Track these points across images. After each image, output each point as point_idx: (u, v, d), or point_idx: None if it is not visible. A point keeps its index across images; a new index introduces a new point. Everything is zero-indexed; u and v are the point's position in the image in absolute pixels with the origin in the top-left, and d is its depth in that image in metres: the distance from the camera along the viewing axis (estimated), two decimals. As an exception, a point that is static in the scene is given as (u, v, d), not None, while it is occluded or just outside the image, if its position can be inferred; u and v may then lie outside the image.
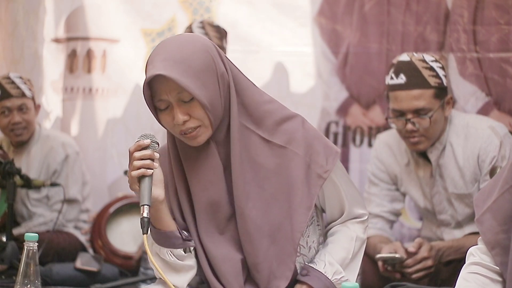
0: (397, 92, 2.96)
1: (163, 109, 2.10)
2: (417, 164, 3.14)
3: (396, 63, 3.02)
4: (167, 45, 2.10)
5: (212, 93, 2.08)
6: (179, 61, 2.04)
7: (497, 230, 2.02)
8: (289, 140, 2.17)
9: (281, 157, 2.17)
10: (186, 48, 2.07)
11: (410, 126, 2.96)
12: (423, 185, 3.15)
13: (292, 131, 2.17)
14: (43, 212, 3.95)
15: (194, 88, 2.04)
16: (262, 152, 2.17)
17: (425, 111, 2.94)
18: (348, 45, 4.11)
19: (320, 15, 4.18)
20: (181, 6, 4.50)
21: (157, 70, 2.03)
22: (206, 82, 2.07)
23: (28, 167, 3.93)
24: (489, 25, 3.70)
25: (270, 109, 2.18)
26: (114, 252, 4.09)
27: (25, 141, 3.95)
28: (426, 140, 3.00)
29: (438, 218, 3.15)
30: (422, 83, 2.93)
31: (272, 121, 2.17)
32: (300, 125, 2.19)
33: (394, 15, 4.00)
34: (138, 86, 4.56)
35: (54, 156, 3.96)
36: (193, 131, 2.09)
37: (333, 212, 2.28)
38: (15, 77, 3.89)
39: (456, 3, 3.84)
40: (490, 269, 2.05)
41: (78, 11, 4.64)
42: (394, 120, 3.01)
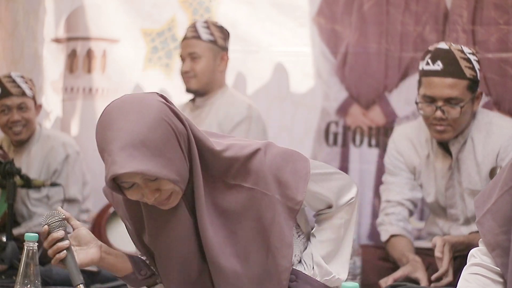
0: (432, 78, 2.95)
1: (128, 187, 1.98)
2: (437, 156, 3.14)
3: (434, 50, 3.00)
4: (118, 123, 1.93)
5: (178, 163, 1.97)
6: (138, 145, 1.91)
7: (497, 231, 2.02)
8: (256, 180, 2.07)
9: (251, 199, 2.07)
10: (140, 125, 1.92)
11: (440, 114, 2.96)
12: (439, 177, 3.14)
13: (257, 170, 2.06)
14: (43, 212, 3.94)
15: (160, 170, 1.92)
16: (230, 197, 2.07)
17: (457, 100, 2.95)
18: (347, 45, 4.11)
19: (319, 15, 4.18)
20: (181, 6, 4.51)
21: (120, 167, 1.89)
22: (170, 156, 1.95)
23: (28, 166, 3.93)
24: (488, 25, 3.71)
25: (230, 155, 2.06)
26: (114, 252, 4.09)
27: (24, 140, 3.95)
28: (452, 130, 3.00)
29: (448, 212, 3.15)
30: (458, 72, 2.93)
31: (237, 165, 2.06)
32: (264, 159, 2.07)
33: (393, 15, 4.00)
34: (138, 86, 4.56)
35: (54, 156, 3.96)
36: (165, 200, 2.00)
37: (320, 208, 2.22)
38: (16, 76, 3.90)
39: (455, 3, 3.84)
40: (491, 270, 2.05)
41: (78, 11, 4.64)
42: (423, 105, 3.00)
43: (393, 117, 4.03)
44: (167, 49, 4.53)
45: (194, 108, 4.00)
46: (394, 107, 4.04)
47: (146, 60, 4.57)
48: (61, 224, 2.10)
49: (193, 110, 4.00)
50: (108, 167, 1.93)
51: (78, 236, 2.14)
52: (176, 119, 1.99)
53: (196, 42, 3.89)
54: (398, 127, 3.38)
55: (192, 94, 3.98)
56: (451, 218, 3.15)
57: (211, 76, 3.91)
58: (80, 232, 2.13)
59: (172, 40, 4.52)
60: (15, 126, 3.88)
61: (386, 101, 4.04)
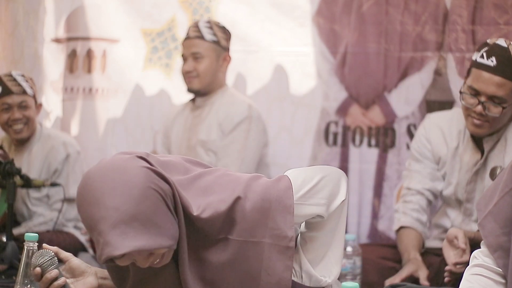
0: (482, 72, 2.94)
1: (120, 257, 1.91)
2: (466, 149, 3.13)
3: (492, 44, 2.98)
4: (104, 201, 1.88)
5: (169, 226, 1.93)
6: (129, 221, 1.86)
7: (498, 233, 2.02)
8: (240, 231, 2.02)
9: (237, 251, 2.03)
10: (128, 200, 1.87)
11: (480, 108, 2.95)
12: (463, 171, 3.14)
13: (240, 221, 2.02)
14: (43, 211, 3.95)
15: (155, 241, 1.88)
16: (215, 251, 2.03)
17: (501, 100, 2.93)
18: (346, 45, 4.11)
19: (318, 15, 4.18)
20: (181, 6, 4.51)
21: (115, 248, 1.85)
22: (161, 223, 1.91)
23: (29, 166, 3.94)
24: (488, 25, 3.71)
25: (209, 215, 2.00)
26: (114, 252, 4.09)
27: (24, 138, 3.96)
28: (488, 127, 2.99)
29: (464, 206, 3.14)
30: (510, 73, 2.92)
31: (219, 221, 2.00)
32: (245, 207, 2.02)
33: (393, 15, 4.00)
34: (138, 86, 4.56)
35: (55, 155, 3.97)
36: (159, 262, 1.97)
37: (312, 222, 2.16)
38: (17, 75, 3.92)
39: (455, 3, 3.84)
40: (493, 271, 2.06)
41: (78, 11, 4.64)
42: (467, 96, 2.99)
43: (393, 117, 4.03)
44: (167, 49, 4.53)
45: (194, 108, 4.00)
46: (393, 107, 4.03)
47: (146, 60, 4.57)
48: (52, 262, 2.06)
49: (193, 110, 4.00)
50: (101, 248, 1.87)
51: (71, 268, 2.13)
52: (161, 180, 1.93)
53: (199, 42, 3.89)
54: (431, 115, 3.36)
55: (193, 94, 3.98)
56: (465, 213, 3.15)
57: (213, 77, 3.91)
58: (73, 263, 2.11)
59: (172, 40, 4.52)
60: (16, 124, 3.89)
61: (385, 101, 4.04)
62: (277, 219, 2.02)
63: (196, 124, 3.97)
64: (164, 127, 4.20)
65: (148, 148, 4.51)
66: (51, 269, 2.04)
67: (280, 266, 2.02)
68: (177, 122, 4.06)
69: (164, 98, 4.50)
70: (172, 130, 4.08)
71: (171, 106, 4.43)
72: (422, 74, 3.97)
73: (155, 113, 4.52)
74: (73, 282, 2.09)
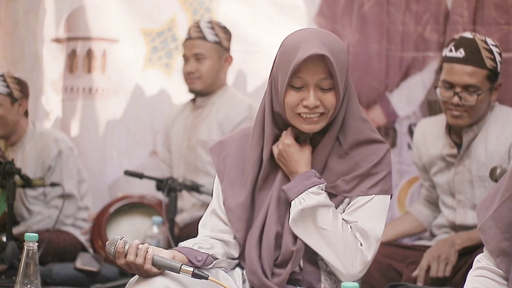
0: (453, 65, 3.06)
1: (296, 87, 2.17)
2: (445, 144, 3.22)
3: (458, 38, 3.10)
4: (317, 33, 2.21)
5: (343, 90, 2.20)
6: (334, 53, 2.14)
7: (500, 238, 2.03)
8: (363, 159, 2.24)
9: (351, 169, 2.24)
10: (335, 43, 2.18)
11: (457, 100, 3.05)
12: (450, 164, 3.22)
13: (370, 153, 2.24)
14: (41, 209, 3.96)
15: (339, 79, 2.15)
16: (340, 162, 2.24)
17: (475, 88, 3.04)
18: (347, 45, 4.10)
19: (320, 15, 4.18)
20: (181, 6, 4.50)
21: (320, 50, 2.12)
22: (343, 79, 2.19)
23: (24, 165, 3.94)
24: (489, 25, 3.70)
25: (361, 126, 2.27)
26: (114, 252, 4.09)
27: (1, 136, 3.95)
28: (468, 117, 3.08)
29: (456, 198, 3.21)
30: (479, 61, 3.02)
31: (357, 139, 2.25)
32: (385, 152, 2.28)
33: (394, 15, 4.00)
34: (138, 86, 4.56)
35: (47, 152, 3.97)
36: (317, 117, 2.18)
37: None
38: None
39: (456, 3, 3.83)
40: (496, 273, 2.06)
41: (78, 11, 4.64)
42: (442, 90, 3.09)
43: (394, 117, 4.03)
44: (167, 49, 4.53)
45: (195, 108, 4.00)
46: (395, 107, 4.03)
47: (146, 60, 4.57)
48: (124, 240, 2.13)
49: (194, 110, 4.00)
50: (298, 53, 2.14)
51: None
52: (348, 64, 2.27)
53: (201, 43, 3.88)
54: (421, 121, 3.51)
55: (194, 94, 3.98)
56: (459, 204, 3.21)
57: (215, 77, 3.91)
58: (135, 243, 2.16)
59: (172, 40, 4.52)
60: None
61: (387, 101, 4.04)
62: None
63: (196, 124, 3.97)
64: (164, 127, 4.20)
65: (148, 148, 4.51)
66: (128, 243, 2.12)
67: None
68: (178, 122, 4.06)
69: (164, 98, 4.50)
70: (173, 130, 4.08)
71: (171, 106, 4.43)
72: (423, 74, 3.98)
73: (155, 113, 4.52)
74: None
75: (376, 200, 2.22)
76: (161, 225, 3.77)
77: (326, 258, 2.21)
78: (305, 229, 2.20)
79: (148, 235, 3.78)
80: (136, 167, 4.28)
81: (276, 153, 2.26)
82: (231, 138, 2.37)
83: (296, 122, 2.20)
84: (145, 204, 4.18)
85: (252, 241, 2.25)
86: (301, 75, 2.15)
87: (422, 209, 3.43)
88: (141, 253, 2.09)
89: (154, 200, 4.16)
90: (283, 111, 2.20)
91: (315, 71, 2.15)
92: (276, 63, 2.22)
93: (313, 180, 2.20)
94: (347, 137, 2.25)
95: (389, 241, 3.29)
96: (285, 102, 2.18)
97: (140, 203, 4.20)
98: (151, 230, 3.80)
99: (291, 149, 2.23)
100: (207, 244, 2.23)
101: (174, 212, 3.57)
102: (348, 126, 2.25)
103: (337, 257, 2.20)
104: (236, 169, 2.30)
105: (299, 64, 2.12)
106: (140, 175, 3.77)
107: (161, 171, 4.16)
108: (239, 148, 2.32)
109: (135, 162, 4.49)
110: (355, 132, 2.25)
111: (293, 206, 2.20)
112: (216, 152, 2.36)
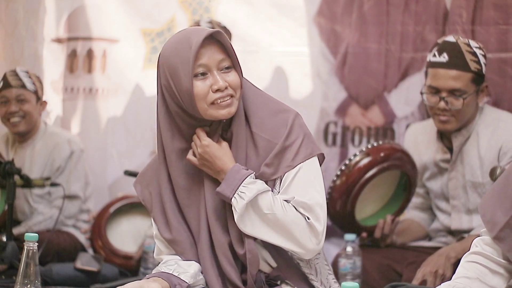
0: (437, 70, 3.06)
1: (201, 74, 2.14)
2: (437, 150, 3.22)
3: (441, 43, 3.10)
4: (195, 27, 2.29)
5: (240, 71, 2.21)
6: (222, 34, 2.16)
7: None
8: (273, 134, 2.19)
9: (265, 149, 2.19)
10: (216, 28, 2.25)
11: (443, 104, 3.05)
12: (443, 170, 3.22)
13: (278, 126, 2.19)
14: (43, 209, 3.96)
15: (235, 56, 2.17)
16: (251, 146, 2.21)
17: (460, 92, 3.04)
18: (347, 45, 4.11)
19: (319, 15, 4.18)
20: (181, 6, 4.51)
21: (210, 30, 2.13)
22: (236, 58, 2.20)
23: (32, 163, 3.95)
24: (488, 25, 3.71)
25: (261, 102, 2.25)
26: (114, 252, 4.10)
27: (22, 132, 3.97)
28: (455, 121, 3.08)
29: (451, 203, 3.21)
30: (463, 65, 3.03)
31: (261, 116, 2.21)
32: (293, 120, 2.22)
33: (393, 15, 4.00)
34: (138, 86, 4.57)
35: (59, 152, 3.98)
36: (229, 99, 2.15)
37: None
38: (20, 71, 3.96)
39: (455, 3, 3.84)
40: (491, 259, 2.04)
41: (78, 11, 4.65)
42: (428, 96, 3.10)
43: (392, 118, 4.03)
44: (167, 49, 4.53)
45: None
46: (393, 107, 4.04)
47: (146, 60, 4.57)
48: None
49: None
50: (192, 42, 2.12)
51: None
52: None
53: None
54: (410, 126, 3.51)
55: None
56: (454, 209, 3.21)
57: None
58: None
59: (172, 40, 4.52)
60: (13, 117, 3.91)
61: (385, 102, 4.04)
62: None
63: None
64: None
65: (148, 148, 4.52)
66: None
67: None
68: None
69: (164, 98, 4.50)
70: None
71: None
72: (422, 75, 3.96)
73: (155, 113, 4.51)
74: None
75: (304, 168, 2.17)
76: (161, 225, 3.77)
77: (280, 244, 2.17)
78: (252, 222, 2.15)
79: (148, 235, 3.78)
80: (136, 167, 4.27)
81: (197, 159, 2.21)
82: (149, 166, 2.34)
83: (212, 112, 2.15)
84: (145, 204, 4.18)
85: (206, 262, 2.22)
86: (201, 62, 2.13)
87: (420, 214, 3.40)
88: None
89: (154, 200, 4.17)
90: (195, 107, 2.15)
91: (212, 53, 2.14)
92: (167, 69, 2.17)
93: (243, 173, 2.15)
94: (252, 116, 2.21)
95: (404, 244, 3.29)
96: (195, 95, 2.13)
97: (140, 203, 4.19)
98: (151, 230, 3.80)
99: (211, 148, 2.18)
100: (181, 268, 2.22)
101: (174, 212, 3.57)
102: (250, 106, 2.22)
103: (289, 239, 2.15)
104: (159, 195, 2.27)
105: (197, 49, 2.11)
106: (140, 175, 3.77)
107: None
108: (155, 175, 2.30)
109: (135, 162, 4.50)
110: (258, 109, 2.22)
111: (235, 204, 2.14)
112: (138, 183, 2.34)
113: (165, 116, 2.22)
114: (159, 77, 2.21)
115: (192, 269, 2.21)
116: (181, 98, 2.16)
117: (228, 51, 2.16)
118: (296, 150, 2.17)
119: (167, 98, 2.20)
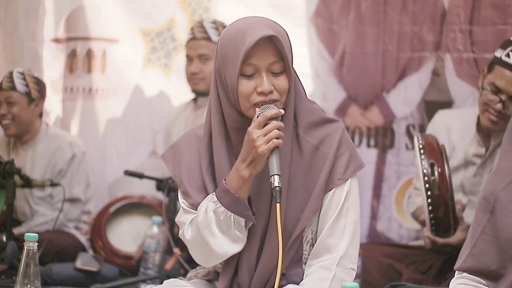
0: (506, 71, 2.95)
1: (248, 75, 2.09)
2: (472, 143, 3.18)
3: None
4: (260, 19, 2.13)
5: (293, 73, 2.15)
6: (281, 35, 2.10)
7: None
8: (321, 141, 2.16)
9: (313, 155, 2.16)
10: (279, 26, 2.13)
11: (500, 106, 2.98)
12: (469, 163, 3.19)
13: (327, 135, 2.16)
14: (45, 211, 3.96)
15: (289, 60, 2.10)
16: (296, 148, 2.17)
17: None
18: (344, 45, 4.12)
19: (317, 15, 4.19)
20: (180, 6, 4.51)
21: (268, 32, 2.06)
22: (291, 61, 2.13)
23: (33, 165, 3.95)
24: (486, 25, 3.71)
25: (311, 108, 2.20)
26: (114, 252, 4.11)
27: (14, 135, 3.96)
28: (503, 124, 3.01)
29: (468, 198, 3.18)
30: None
31: (310, 121, 2.18)
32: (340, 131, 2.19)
33: (391, 15, 4.01)
34: (138, 86, 4.57)
35: (61, 155, 3.98)
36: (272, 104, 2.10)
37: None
38: (16, 72, 3.94)
39: (452, 3, 3.85)
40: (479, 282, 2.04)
41: (78, 11, 4.65)
42: (487, 92, 3.01)
43: (392, 118, 4.04)
44: (166, 49, 4.54)
45: (196, 108, 4.00)
46: (392, 107, 4.04)
47: (145, 60, 4.58)
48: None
49: (195, 110, 4.01)
50: (246, 39, 2.05)
51: None
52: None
53: (206, 44, 3.88)
54: (441, 111, 3.43)
55: (196, 95, 3.99)
56: (469, 205, 3.17)
57: None
58: None
59: (171, 40, 4.53)
60: (3, 120, 3.92)
61: (384, 102, 4.05)
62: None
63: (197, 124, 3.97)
64: (165, 126, 4.21)
65: (148, 148, 4.53)
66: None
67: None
68: (179, 122, 4.07)
69: (163, 98, 4.51)
70: (173, 129, 4.09)
71: (170, 106, 4.44)
72: (420, 75, 3.98)
73: (154, 113, 4.53)
74: None
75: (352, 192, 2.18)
76: (161, 225, 3.78)
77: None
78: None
79: (148, 235, 3.79)
80: (136, 167, 4.29)
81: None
82: (181, 141, 2.28)
83: (253, 113, 2.10)
84: (145, 204, 4.19)
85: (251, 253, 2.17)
86: (251, 61, 2.07)
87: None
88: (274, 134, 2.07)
89: (154, 200, 4.18)
90: (238, 103, 2.11)
91: (265, 55, 2.07)
92: (221, 55, 2.12)
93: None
94: (300, 121, 2.17)
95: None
96: (239, 92, 2.09)
97: (140, 203, 4.22)
98: (151, 230, 3.81)
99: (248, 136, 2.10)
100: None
101: (174, 212, 3.58)
102: (300, 110, 2.18)
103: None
104: (193, 172, 2.21)
105: (249, 49, 2.04)
106: (140, 175, 3.78)
107: (161, 171, 4.17)
108: (190, 152, 2.23)
109: (135, 162, 4.50)
110: (307, 114, 2.18)
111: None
112: (169, 157, 2.27)
113: (216, 98, 2.17)
114: (216, 57, 2.16)
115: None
116: (227, 88, 2.13)
117: (283, 55, 2.09)
118: (346, 163, 2.17)
119: (218, 82, 2.16)
